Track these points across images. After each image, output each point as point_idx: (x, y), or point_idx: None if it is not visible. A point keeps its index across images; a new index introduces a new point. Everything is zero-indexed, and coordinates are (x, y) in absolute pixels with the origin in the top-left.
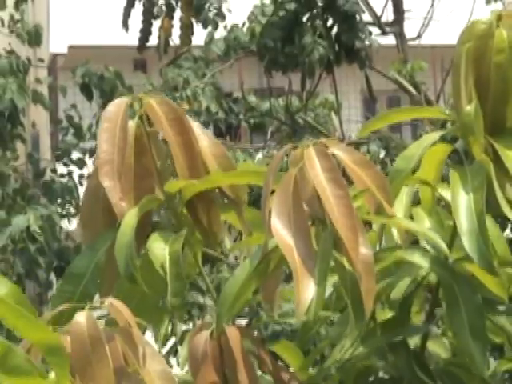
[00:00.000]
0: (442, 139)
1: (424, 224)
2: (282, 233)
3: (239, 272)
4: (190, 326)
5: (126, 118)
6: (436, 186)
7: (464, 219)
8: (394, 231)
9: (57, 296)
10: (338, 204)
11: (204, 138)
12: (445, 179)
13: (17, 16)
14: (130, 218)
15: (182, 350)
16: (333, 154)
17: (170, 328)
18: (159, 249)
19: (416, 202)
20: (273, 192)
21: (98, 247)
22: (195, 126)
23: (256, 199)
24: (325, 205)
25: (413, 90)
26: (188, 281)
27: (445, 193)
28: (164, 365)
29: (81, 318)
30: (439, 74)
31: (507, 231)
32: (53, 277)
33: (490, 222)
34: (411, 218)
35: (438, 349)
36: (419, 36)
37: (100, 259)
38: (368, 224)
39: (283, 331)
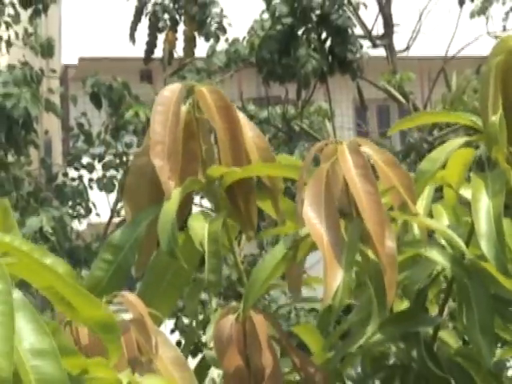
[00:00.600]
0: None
1: (443, 221)
2: (313, 222)
3: (269, 258)
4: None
5: (180, 103)
6: (459, 187)
7: (483, 222)
8: (415, 227)
9: (97, 264)
10: (368, 199)
11: (249, 129)
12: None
13: (30, 29)
14: (174, 197)
15: (209, 330)
16: (364, 152)
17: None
18: (199, 227)
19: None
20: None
21: (140, 221)
22: (242, 116)
23: (290, 191)
24: (355, 199)
25: (402, 99)
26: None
27: (465, 192)
28: (177, 351)
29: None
30: (426, 84)
31: None
32: None
33: (507, 226)
34: (431, 214)
35: (449, 339)
36: (407, 48)
37: (141, 233)
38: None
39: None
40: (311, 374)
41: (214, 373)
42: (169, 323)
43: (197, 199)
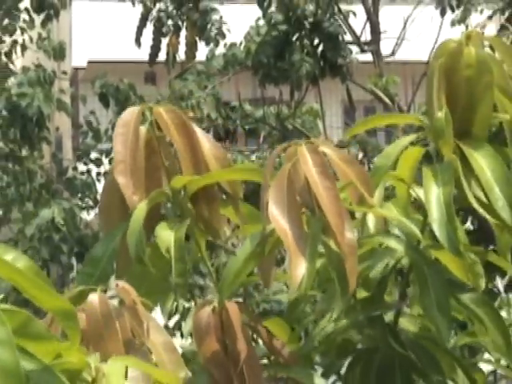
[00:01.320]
0: (416, 142)
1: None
2: (278, 218)
3: (240, 253)
4: (192, 304)
5: (138, 124)
6: (411, 183)
7: (435, 209)
8: (370, 223)
9: (79, 276)
10: (327, 194)
11: (206, 141)
12: (416, 180)
13: (44, 34)
14: (140, 210)
15: (186, 325)
16: (322, 152)
17: (175, 305)
18: (166, 235)
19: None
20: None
21: (114, 235)
22: (198, 130)
23: (249, 195)
24: (315, 195)
25: (387, 101)
26: (191, 265)
27: (416, 190)
28: (167, 337)
29: (94, 298)
30: (410, 87)
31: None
32: (74, 261)
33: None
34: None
35: (408, 324)
36: (393, 53)
37: (116, 246)
38: (350, 214)
39: (272, 310)
40: (282, 355)
41: None
42: None
43: None
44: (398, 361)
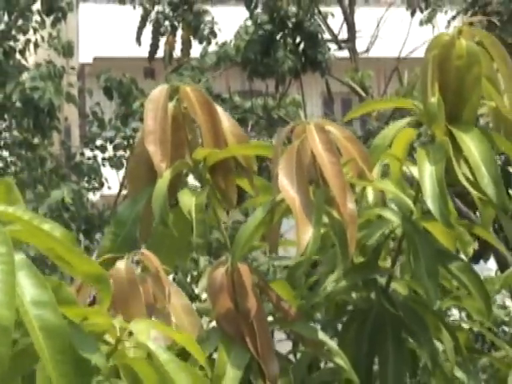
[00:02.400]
0: (410, 125)
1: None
2: (287, 189)
3: (251, 220)
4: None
5: (167, 100)
6: (404, 161)
7: (428, 185)
8: (369, 196)
9: (106, 237)
10: (332, 168)
11: (225, 119)
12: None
13: (54, 34)
14: (164, 177)
15: (201, 282)
16: (328, 130)
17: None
18: (188, 200)
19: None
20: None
21: (139, 200)
22: (219, 109)
23: (262, 170)
24: (321, 169)
25: (362, 93)
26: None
27: (410, 168)
28: (186, 300)
29: (121, 265)
30: (383, 80)
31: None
32: (81, 237)
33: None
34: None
35: (399, 288)
36: (367, 50)
37: (140, 209)
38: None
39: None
40: (286, 311)
41: (204, 321)
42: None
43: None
44: (390, 320)
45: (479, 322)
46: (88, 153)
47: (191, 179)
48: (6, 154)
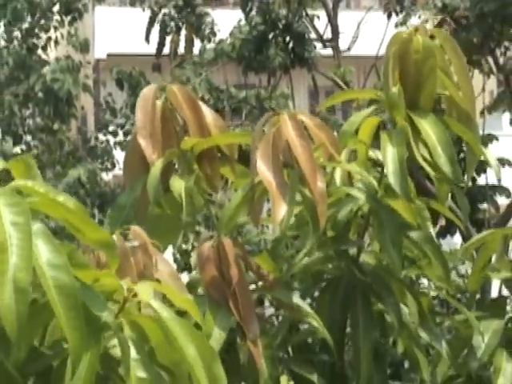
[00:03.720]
0: (374, 113)
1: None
2: (264, 171)
3: (233, 199)
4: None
5: (155, 98)
6: (369, 145)
7: (390, 164)
8: (337, 177)
9: (109, 219)
10: (304, 152)
11: (208, 113)
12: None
13: (72, 32)
14: (157, 165)
15: (193, 258)
16: (300, 119)
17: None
18: (178, 184)
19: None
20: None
21: (135, 187)
22: (202, 105)
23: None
24: (294, 153)
25: (344, 86)
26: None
27: (376, 152)
28: (172, 268)
29: (114, 239)
30: (362, 76)
31: None
32: (96, 212)
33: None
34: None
35: (368, 258)
36: (349, 49)
37: (137, 196)
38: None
39: (253, 250)
40: (266, 280)
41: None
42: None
43: None
44: (360, 287)
45: (445, 290)
46: (101, 137)
47: None
48: (29, 138)
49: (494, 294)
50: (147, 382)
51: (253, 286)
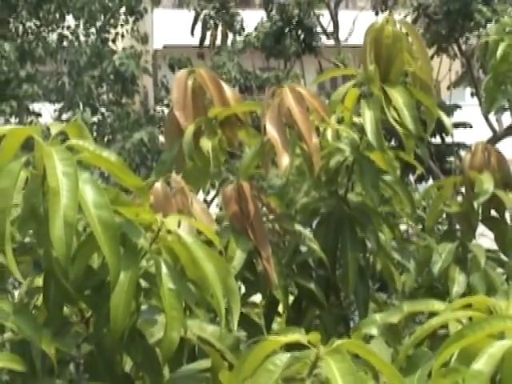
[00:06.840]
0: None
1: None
2: (271, 131)
3: (249, 152)
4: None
5: (187, 79)
6: (352, 110)
7: (368, 123)
8: (328, 135)
9: (154, 171)
10: (301, 115)
11: (228, 90)
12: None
13: (135, 28)
14: (189, 130)
15: (219, 199)
16: (298, 91)
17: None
18: (206, 143)
19: None
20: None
21: (173, 147)
22: (223, 83)
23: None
24: (294, 116)
25: (343, 68)
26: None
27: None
28: (204, 205)
29: (158, 184)
30: (357, 60)
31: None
32: (154, 164)
33: None
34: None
35: (353, 197)
36: (346, 40)
37: (175, 153)
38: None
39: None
40: (275, 213)
41: None
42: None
43: None
44: (347, 219)
45: (414, 223)
46: (158, 108)
47: None
48: (103, 109)
49: None
50: (175, 292)
51: (265, 218)
